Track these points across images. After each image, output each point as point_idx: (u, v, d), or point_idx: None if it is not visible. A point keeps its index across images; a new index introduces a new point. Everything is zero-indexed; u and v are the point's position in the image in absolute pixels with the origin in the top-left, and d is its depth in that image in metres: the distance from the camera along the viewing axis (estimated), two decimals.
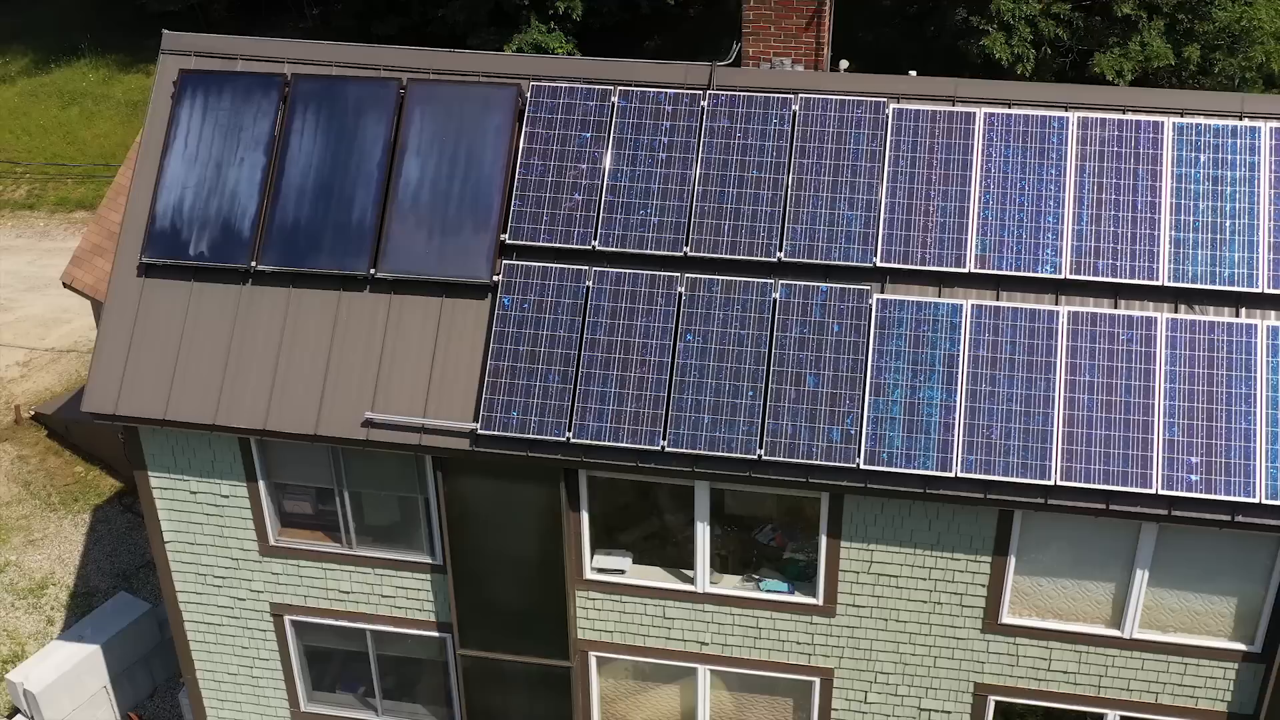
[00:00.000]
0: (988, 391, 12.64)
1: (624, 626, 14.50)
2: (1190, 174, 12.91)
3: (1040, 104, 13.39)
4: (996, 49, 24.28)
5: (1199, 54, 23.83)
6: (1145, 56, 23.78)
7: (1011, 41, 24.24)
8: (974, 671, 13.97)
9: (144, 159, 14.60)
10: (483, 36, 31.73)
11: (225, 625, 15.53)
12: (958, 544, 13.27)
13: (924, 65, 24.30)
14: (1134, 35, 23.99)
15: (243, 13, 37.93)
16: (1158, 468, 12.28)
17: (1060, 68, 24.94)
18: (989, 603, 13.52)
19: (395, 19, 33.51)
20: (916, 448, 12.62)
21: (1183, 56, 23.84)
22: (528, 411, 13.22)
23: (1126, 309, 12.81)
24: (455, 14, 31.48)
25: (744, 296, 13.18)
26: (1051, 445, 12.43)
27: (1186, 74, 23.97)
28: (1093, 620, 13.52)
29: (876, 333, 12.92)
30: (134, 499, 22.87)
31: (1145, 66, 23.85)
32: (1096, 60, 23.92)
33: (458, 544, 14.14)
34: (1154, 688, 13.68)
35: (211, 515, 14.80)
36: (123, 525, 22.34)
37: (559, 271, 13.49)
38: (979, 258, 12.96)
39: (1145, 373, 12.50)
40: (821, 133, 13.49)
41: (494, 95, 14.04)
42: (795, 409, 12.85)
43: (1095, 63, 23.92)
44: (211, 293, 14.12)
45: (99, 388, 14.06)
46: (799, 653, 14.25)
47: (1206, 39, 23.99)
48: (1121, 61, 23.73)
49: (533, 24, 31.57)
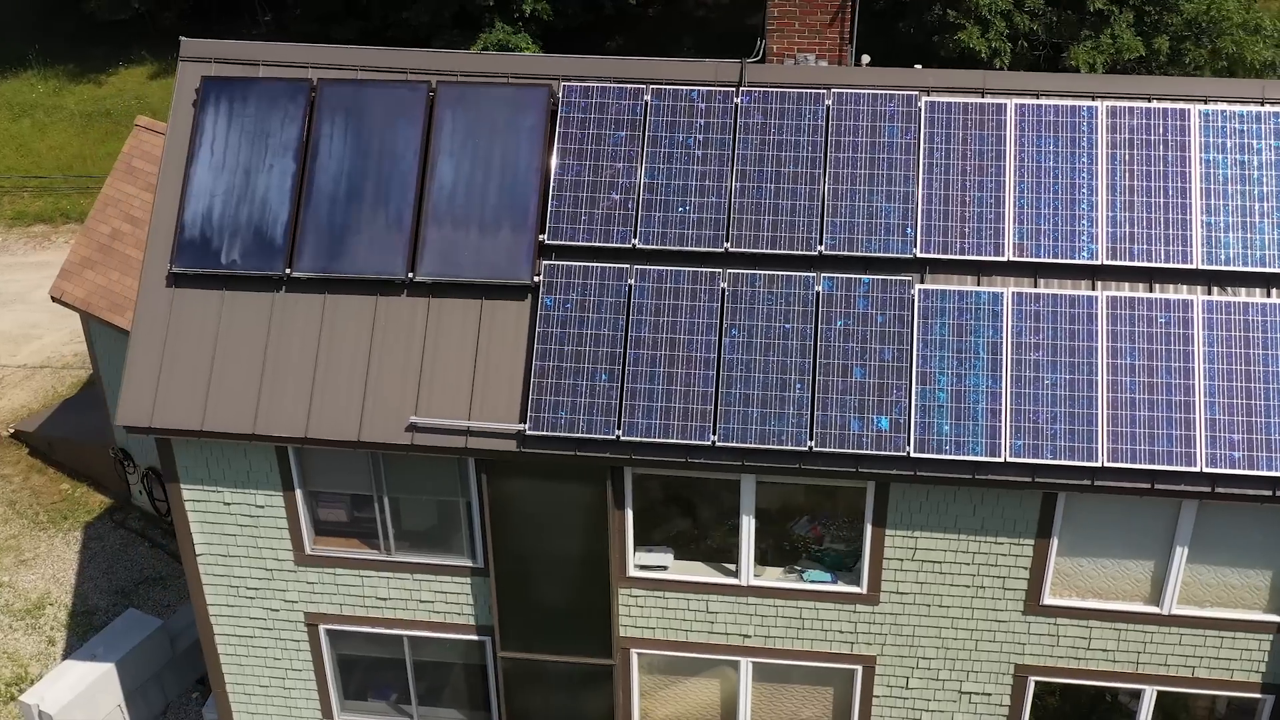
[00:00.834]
0: (1031, 377, 12.87)
1: (667, 622, 14.57)
2: (1218, 159, 13.24)
3: (1067, 94, 13.65)
4: (974, 43, 24.65)
5: (1168, 45, 24.35)
6: (1116, 49, 24.26)
7: (988, 35, 24.62)
8: (1015, 653, 14.21)
9: (167, 168, 14.41)
10: (447, 38, 31.62)
11: (257, 637, 15.37)
12: (1002, 528, 13.49)
13: (891, 61, 24.57)
14: (1105, 28, 24.47)
15: (193, 19, 37.44)
16: (1200, 446, 12.58)
17: (1035, 61, 25.38)
18: (1031, 585, 13.76)
19: (355, 23, 33.29)
20: (965, 434, 12.82)
21: (1152, 47, 24.36)
22: (575, 411, 13.24)
23: (1161, 293, 13.11)
24: (419, 16, 31.34)
25: (787, 290, 13.30)
26: (1097, 428, 12.69)
27: (1156, 65, 24.49)
28: (1131, 598, 13.81)
29: (920, 322, 13.10)
30: (126, 514, 22.56)
31: (1116, 58, 24.33)
32: (1070, 53, 24.37)
33: (500, 545, 14.13)
34: (1190, 662, 14.01)
35: (245, 526, 14.65)
36: (117, 542, 21.99)
37: (600, 270, 13.53)
38: (1017, 246, 13.19)
39: (1184, 354, 12.81)
40: (855, 126, 13.65)
41: (526, 96, 14.04)
42: (843, 400, 13.00)
43: (1069, 55, 24.37)
44: (244, 301, 13.98)
45: (132, 400, 13.87)
46: (841, 641, 14.41)
47: (1174, 30, 24.53)
48: (1094, 54, 24.19)
49: (497, 25, 31.52)
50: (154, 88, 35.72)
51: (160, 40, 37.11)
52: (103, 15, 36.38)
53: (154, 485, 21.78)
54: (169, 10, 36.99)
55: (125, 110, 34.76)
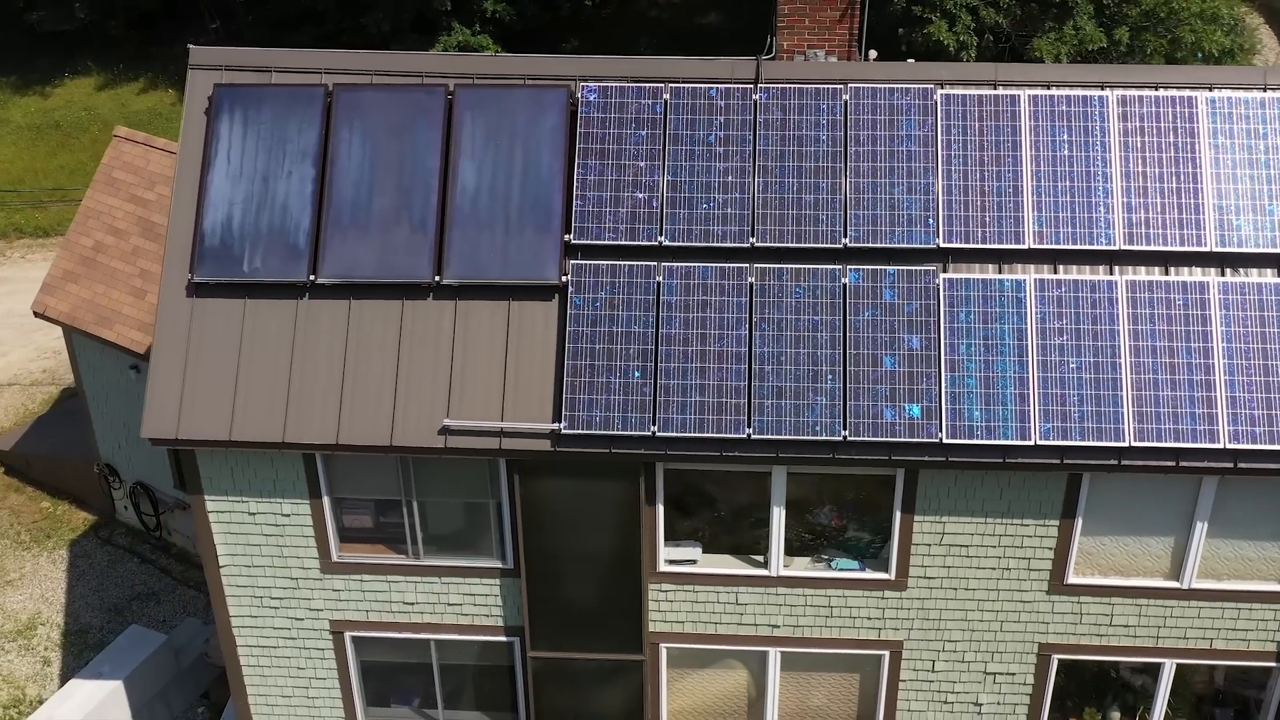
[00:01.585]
0: (1057, 361, 13.17)
1: (696, 615, 14.70)
2: (1227, 144, 13.62)
3: (1076, 84, 13.97)
4: (942, 36, 25.05)
5: (1128, 35, 24.92)
6: (1079, 40, 24.79)
7: (955, 29, 25.04)
8: (1039, 632, 14.52)
9: (182, 177, 14.29)
10: (406, 43, 31.49)
11: (281, 647, 15.28)
12: (1028, 510, 13.78)
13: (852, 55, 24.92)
14: (1067, 20, 24.99)
15: (139, 28, 36.91)
16: (1223, 423, 12.95)
17: (1000, 54, 25.85)
18: (1056, 565, 14.07)
19: (310, 29, 33.04)
20: (995, 419, 13.09)
21: (1113, 38, 24.92)
22: (610, 408, 13.33)
23: (1177, 275, 13.47)
24: (379, 23, 31.19)
25: (814, 283, 13.49)
26: (1123, 409, 13.02)
27: (1116, 55, 25.05)
28: (1152, 574, 14.17)
29: (946, 311, 13.35)
30: (112, 531, 22.25)
31: (1079, 49, 24.85)
32: (1035, 45, 24.86)
33: (532, 545, 14.17)
34: (1209, 634, 14.40)
35: (271, 535, 14.56)
36: (104, 559, 21.68)
37: (628, 269, 13.63)
38: (1036, 234, 13.49)
39: (1203, 334, 13.17)
40: (874, 120, 13.87)
41: (545, 97, 14.10)
42: (874, 389, 13.21)
43: (1034, 47, 24.85)
44: (268, 308, 13.90)
45: (157, 413, 13.73)
46: (869, 628, 14.63)
47: (1133, 21, 25.10)
48: (1058, 46, 24.70)
49: (456, 28, 31.47)
50: (103, 98, 35.18)
51: (105, 50, 36.57)
52: (46, 26, 35.75)
53: (141, 500, 21.50)
54: (114, 19, 36.43)
55: (75, 122, 34.22)
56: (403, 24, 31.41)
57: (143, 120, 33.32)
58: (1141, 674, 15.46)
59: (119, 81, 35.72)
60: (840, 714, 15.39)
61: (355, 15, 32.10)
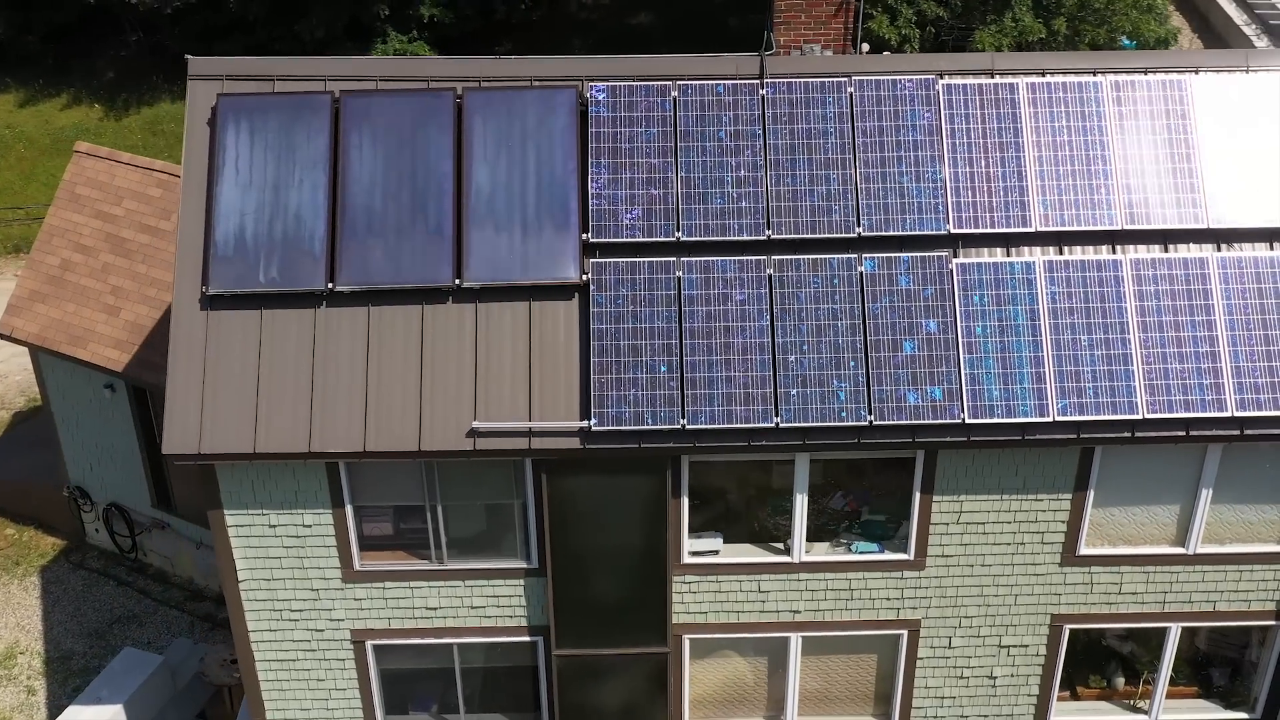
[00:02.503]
0: (1069, 339, 13.60)
1: (719, 605, 14.89)
2: (1219, 123, 14.16)
3: (1070, 71, 14.42)
4: (884, 31, 25.52)
5: (1065, 26, 25.61)
6: (1019, 31, 25.42)
7: (897, 23, 25.53)
8: (1051, 604, 14.95)
9: (188, 189, 14.13)
10: (341, 50, 31.22)
11: (301, 660, 15.16)
12: (1042, 485, 14.20)
13: None
14: (1006, 12, 25.61)
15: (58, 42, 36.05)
16: (1229, 392, 13.48)
17: (942, 45, 26.39)
18: (1068, 537, 14.50)
19: (240, 38, 32.60)
20: (1013, 398, 13.47)
21: (1052, 29, 25.59)
22: (638, 403, 13.47)
23: (1176, 252, 13.97)
24: (313, 30, 30.90)
25: (831, 273, 13.76)
26: (1135, 382, 13.48)
27: (1055, 45, 25.71)
28: (1159, 541, 14.67)
29: (960, 295, 13.71)
30: (84, 555, 21.81)
31: (1020, 40, 25.48)
32: (977, 37, 25.44)
33: (559, 543, 14.25)
34: (1212, 597, 14.95)
35: (291, 547, 14.45)
36: (79, 583, 21.25)
37: (648, 265, 13.78)
38: (1042, 216, 13.90)
39: (1205, 308, 13.69)
40: (879, 111, 14.18)
41: (555, 97, 14.19)
42: (896, 374, 13.52)
43: (976, 40, 25.43)
44: (286, 318, 13.80)
45: (177, 429, 13.56)
46: (888, 608, 14.94)
47: (1068, 11, 25.79)
48: (999, 37, 25.29)
49: (392, 35, 31.31)
50: (25, 115, 34.35)
51: (23, 66, 35.68)
52: None
53: (116, 521, 21.11)
54: (31, 34, 35.55)
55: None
56: (337, 31, 31.16)
57: (69, 137, 32.61)
58: (1127, 641, 16.00)
59: (40, 98, 34.90)
60: (859, 694, 15.69)
61: (288, 23, 31.75)
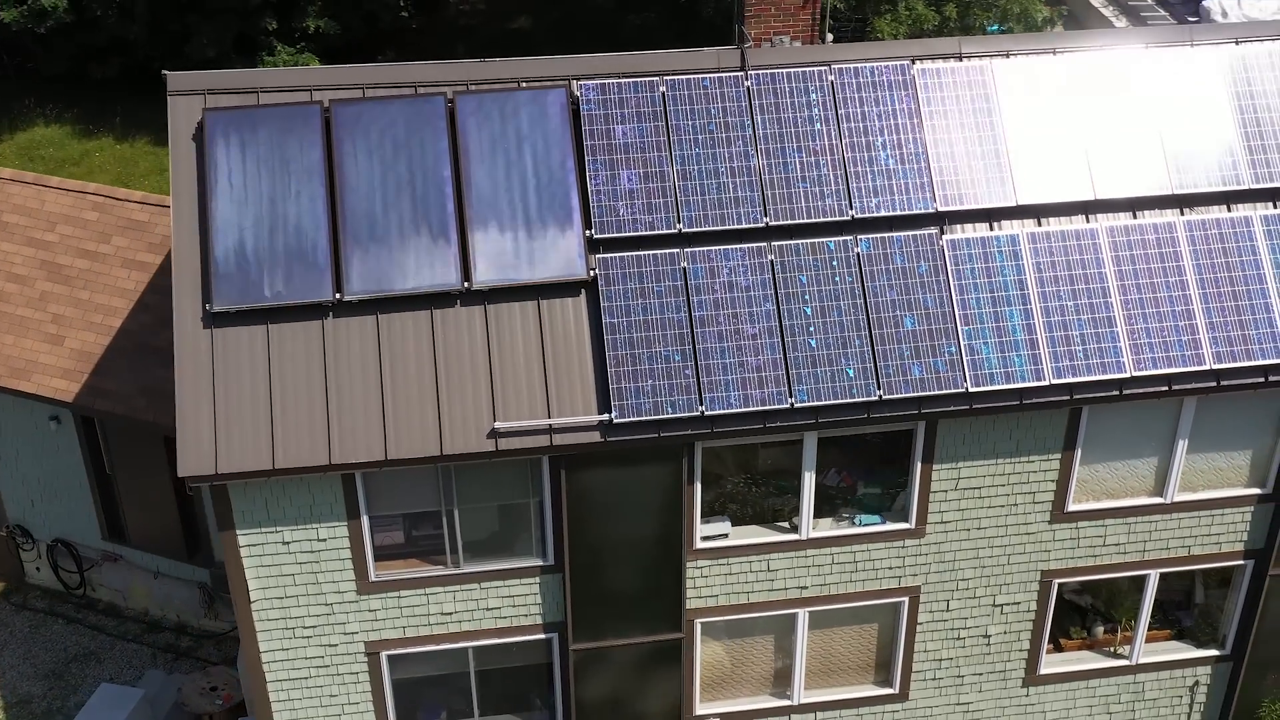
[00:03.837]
0: (1057, 305, 14.29)
1: (730, 587, 15.21)
2: (1172, 96, 15.01)
3: (1031, 52, 15.12)
4: None
5: (956, 12, 26.62)
6: (913, 19, 26.33)
7: None
8: (1041, 560, 15.65)
9: (180, 207, 13.88)
10: (229, 65, 30.60)
11: (314, 678, 14.98)
12: (1034, 447, 14.87)
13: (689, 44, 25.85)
14: (900, 1, 26.50)
15: None
16: (1206, 346, 14.33)
17: (842, 36, 27.14)
18: (1057, 495, 15.22)
19: (117, 60, 31.70)
20: (1011, 365, 14.10)
21: (944, 15, 26.57)
22: (656, 394, 13.71)
23: (1144, 218, 14.77)
24: (203, 50, 30.21)
25: (829, 255, 14.20)
26: (1121, 343, 14.24)
27: (948, 31, 26.68)
28: (1139, 493, 15.49)
29: (953, 269, 14.29)
30: (25, 595, 21.03)
31: (915, 29, 26.39)
32: (875, 25, 26.26)
33: (576, 538, 14.40)
34: (1187, 542, 15.84)
35: (305, 564, 14.29)
36: (24, 625, 20.49)
37: (654, 258, 14.02)
38: (1021, 191, 14.57)
39: (1178, 269, 14.53)
40: (860, 98, 14.67)
41: (547, 97, 14.33)
42: (900, 349, 14.03)
43: (874, 29, 26.25)
44: (294, 331, 13.66)
45: (192, 451, 13.31)
46: (891, 577, 15.46)
47: None
48: (896, 26, 26.16)
49: (279, 49, 30.82)
50: None
51: None
52: None
53: (62, 558, 20.43)
54: None
55: None
56: (226, 47, 30.53)
57: None
58: (1084, 594, 16.84)
59: None
60: (862, 664, 16.18)
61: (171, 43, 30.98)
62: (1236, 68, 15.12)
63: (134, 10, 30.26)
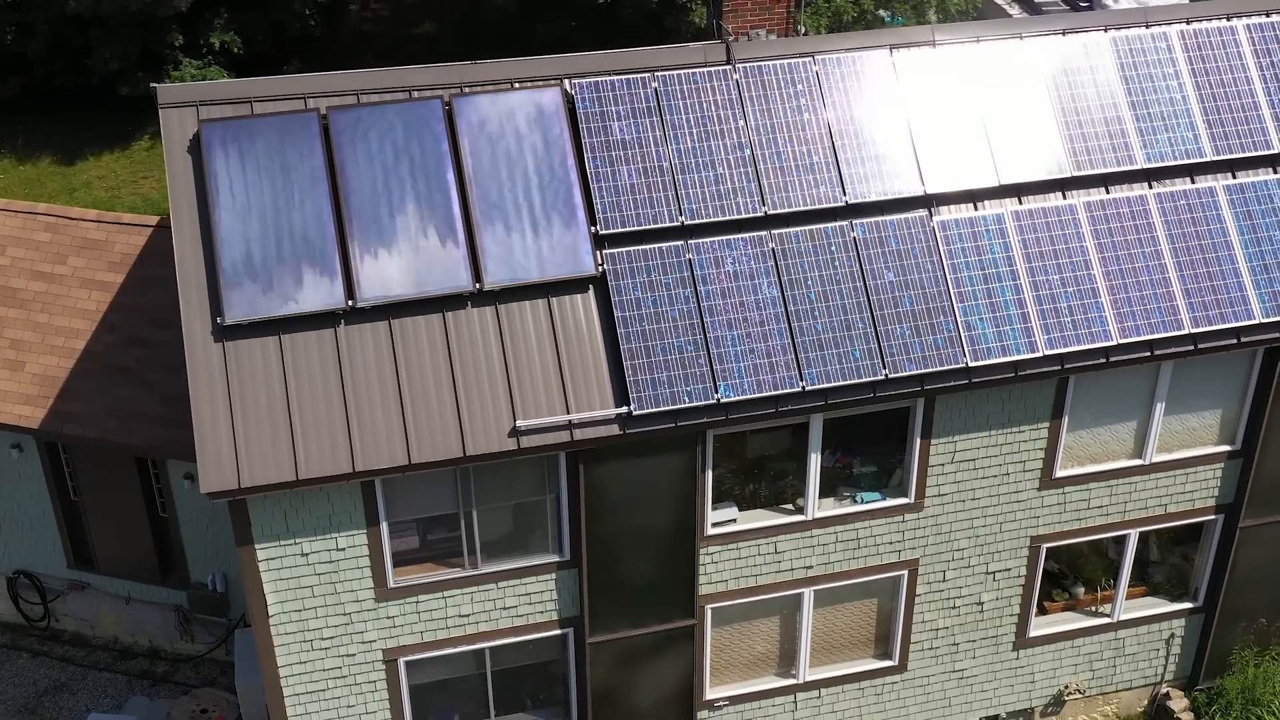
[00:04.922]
0: (1044, 280, 14.86)
1: (739, 571, 15.49)
2: (1134, 75, 15.70)
3: (1000, 36, 15.68)
4: (704, 23, 26.57)
5: (872, 3, 27.33)
6: (833, 11, 26.97)
7: None
8: (1030, 527, 16.24)
9: (180, 220, 13.68)
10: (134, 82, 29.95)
11: (331, 689, 14.87)
12: (1024, 417, 15.43)
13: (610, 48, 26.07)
14: None
15: None
16: (1184, 312, 15.04)
17: None
18: (1045, 463, 15.81)
19: (15, 80, 30.76)
20: (1006, 339, 14.63)
21: (862, 8, 27.24)
22: (672, 384, 13.92)
23: (1116, 192, 15.43)
24: (106, 65, 29.49)
25: (828, 240, 14.57)
26: (1105, 312, 14.86)
27: (866, 24, 27.37)
28: (1120, 456, 16.17)
29: (944, 249, 14.77)
30: None
31: (835, 22, 27.01)
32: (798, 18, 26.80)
33: (594, 531, 14.54)
34: (1164, 500, 16.57)
35: (324, 574, 14.19)
36: None
37: (660, 250, 14.24)
38: (1001, 171, 15.11)
39: (1151, 239, 15.21)
40: (845, 86, 15.07)
41: (542, 96, 14.44)
42: (901, 329, 14.46)
43: (799, 21, 26.79)
44: (307, 340, 13.57)
45: (212, 467, 13.14)
46: (891, 551, 15.90)
47: None
48: (818, 20, 26.75)
49: (185, 63, 30.25)
50: None
51: None
52: None
53: (24, 590, 19.85)
54: None
55: None
56: (131, 63, 29.85)
57: None
58: (1048, 559, 17.52)
59: None
60: (863, 638, 16.60)
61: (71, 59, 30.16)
62: (1190, 46, 15.86)
63: (34, 27, 29.43)
